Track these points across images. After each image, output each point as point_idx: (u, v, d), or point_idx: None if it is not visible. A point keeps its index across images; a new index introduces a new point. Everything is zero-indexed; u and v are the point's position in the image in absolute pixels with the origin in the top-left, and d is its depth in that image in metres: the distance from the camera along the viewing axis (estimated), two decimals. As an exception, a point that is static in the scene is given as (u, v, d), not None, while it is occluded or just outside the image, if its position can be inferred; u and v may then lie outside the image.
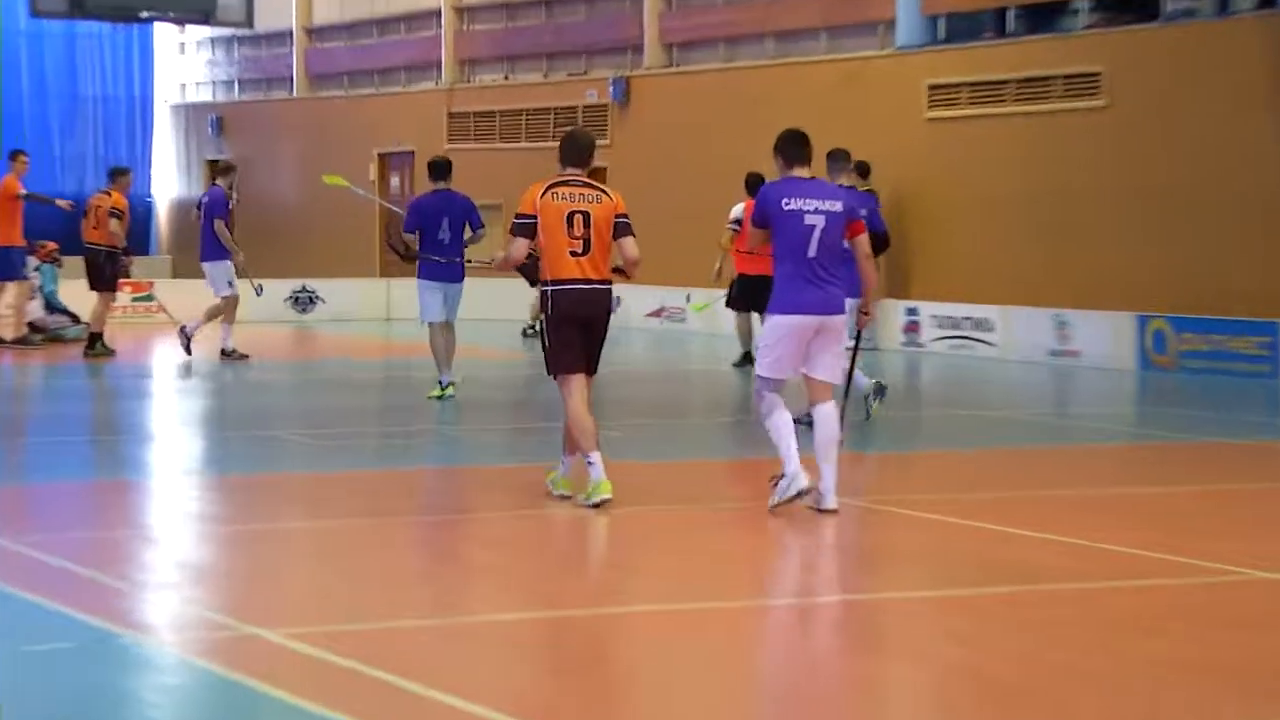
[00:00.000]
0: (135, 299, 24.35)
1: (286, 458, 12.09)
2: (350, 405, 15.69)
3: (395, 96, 30.99)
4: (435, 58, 30.23)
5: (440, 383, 15.38)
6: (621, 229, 10.10)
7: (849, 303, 10.39)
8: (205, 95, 35.18)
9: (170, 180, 35.39)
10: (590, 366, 10.10)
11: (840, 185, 13.04)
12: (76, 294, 21.51)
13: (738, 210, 18.44)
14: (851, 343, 11.48)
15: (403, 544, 9.19)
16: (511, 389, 17.41)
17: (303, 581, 8.23)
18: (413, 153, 29.89)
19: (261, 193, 31.65)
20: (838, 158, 13.95)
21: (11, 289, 20.62)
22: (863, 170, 21.70)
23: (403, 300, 24.06)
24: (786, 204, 9.86)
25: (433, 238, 15.41)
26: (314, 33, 32.95)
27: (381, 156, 30.79)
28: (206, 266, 19.16)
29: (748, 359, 18.75)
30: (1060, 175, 20.70)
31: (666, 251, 22.42)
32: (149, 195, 35.03)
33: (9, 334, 20.71)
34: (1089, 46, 20.62)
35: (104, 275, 19.66)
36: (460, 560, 8.86)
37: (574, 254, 9.95)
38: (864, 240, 10.09)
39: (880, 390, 14.08)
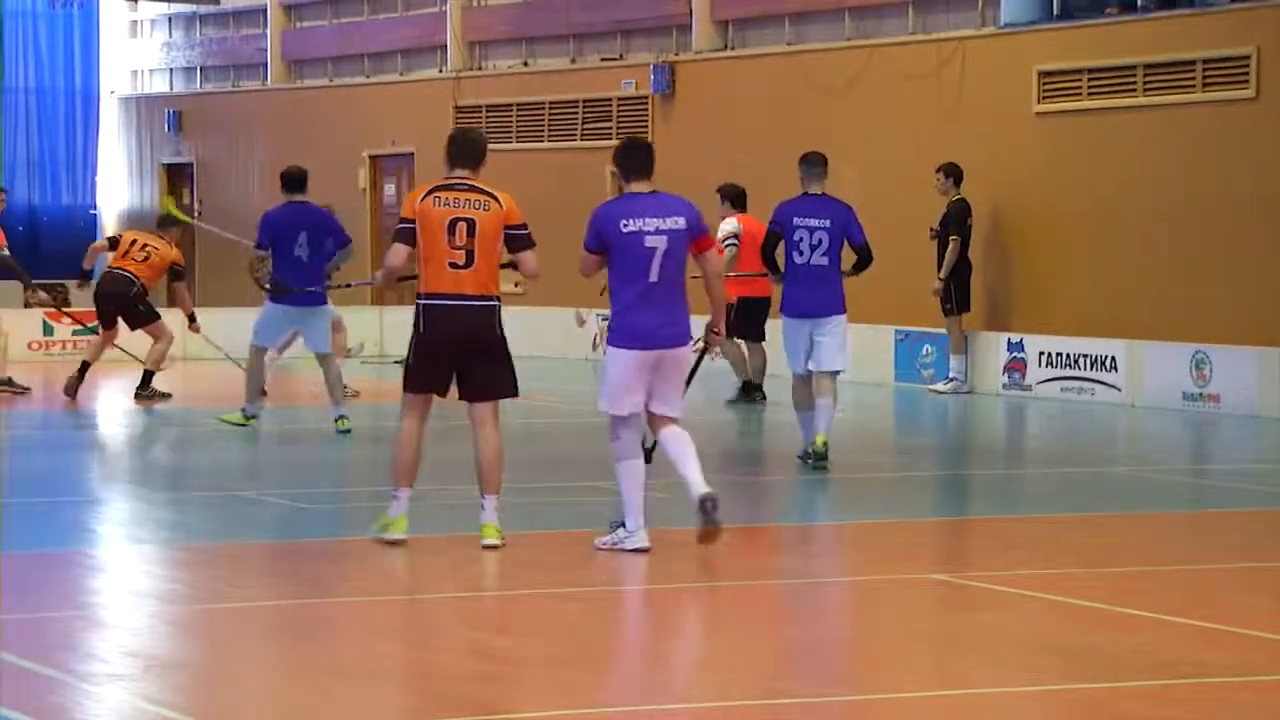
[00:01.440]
0: (76, 332, 24.50)
1: (258, 523, 12.13)
2: (336, 460, 15.75)
3: (390, 87, 31.13)
4: (439, 40, 30.39)
5: (244, 411, 16.81)
6: (517, 241, 11.02)
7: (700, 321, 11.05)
8: (160, 85, 35.38)
9: (119, 188, 35.58)
10: (483, 391, 10.92)
11: (814, 195, 14.69)
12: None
13: (730, 226, 19.29)
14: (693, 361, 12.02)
15: (397, 629, 9.24)
16: (560, 440, 17.45)
17: (273, 675, 8.27)
18: (412, 154, 30.02)
19: (228, 202, 31.84)
20: (814, 163, 14.83)
21: None
22: (955, 174, 21.72)
23: (400, 331, 24.16)
24: (625, 225, 10.78)
25: (288, 254, 16.46)
26: (292, 10, 33.16)
27: (374, 159, 30.93)
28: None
29: (749, 390, 19.75)
30: (1200, 180, 20.66)
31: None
32: (94, 206, 35.23)
33: None
34: (1236, 25, 20.61)
35: (136, 310, 20.20)
36: (474, 649, 8.91)
37: (454, 265, 10.78)
38: (712, 257, 11.15)
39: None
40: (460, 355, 10.85)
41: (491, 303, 10.89)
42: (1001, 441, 19.05)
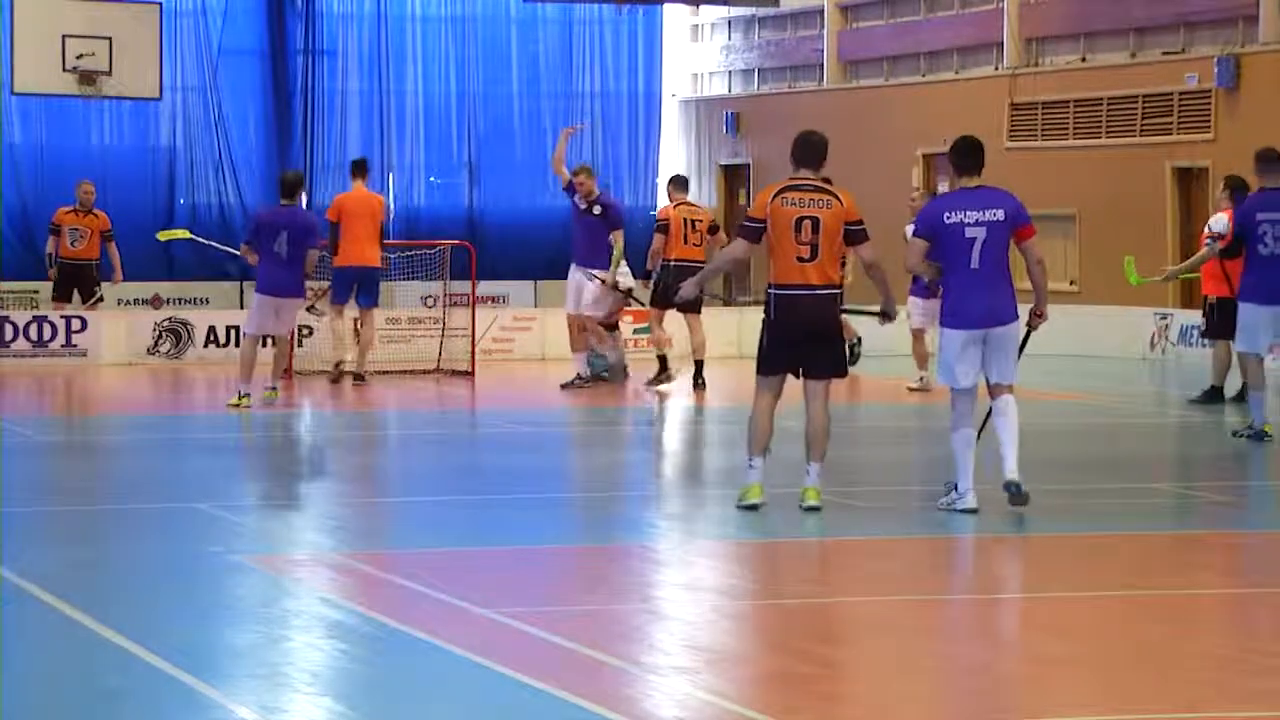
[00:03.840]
0: (637, 330, 25.12)
1: (805, 519, 12.26)
2: (895, 460, 15.81)
3: (945, 85, 31.08)
4: (995, 37, 30.20)
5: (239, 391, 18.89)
6: (854, 235, 12.03)
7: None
8: (719, 88, 36.01)
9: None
10: (820, 370, 12.03)
11: (1275, 189, 15.64)
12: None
13: (1219, 225, 18.44)
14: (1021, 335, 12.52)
15: (958, 629, 9.25)
16: (1120, 440, 17.21)
17: (834, 672, 8.36)
18: (966, 153, 29.91)
19: (784, 203, 32.13)
20: (1268, 160, 15.96)
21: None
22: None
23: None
24: (948, 217, 11.85)
25: (269, 251, 18.78)
26: (849, 10, 33.38)
27: (927, 157, 30.93)
28: None
29: (1216, 395, 18.95)
30: None
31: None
32: (653, 208, 36.02)
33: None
34: None
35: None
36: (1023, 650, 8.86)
37: (800, 260, 11.87)
38: (1032, 246, 11.97)
39: None
40: (805, 338, 11.98)
41: (833, 291, 12.01)
42: None
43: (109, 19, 28.06)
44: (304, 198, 19.67)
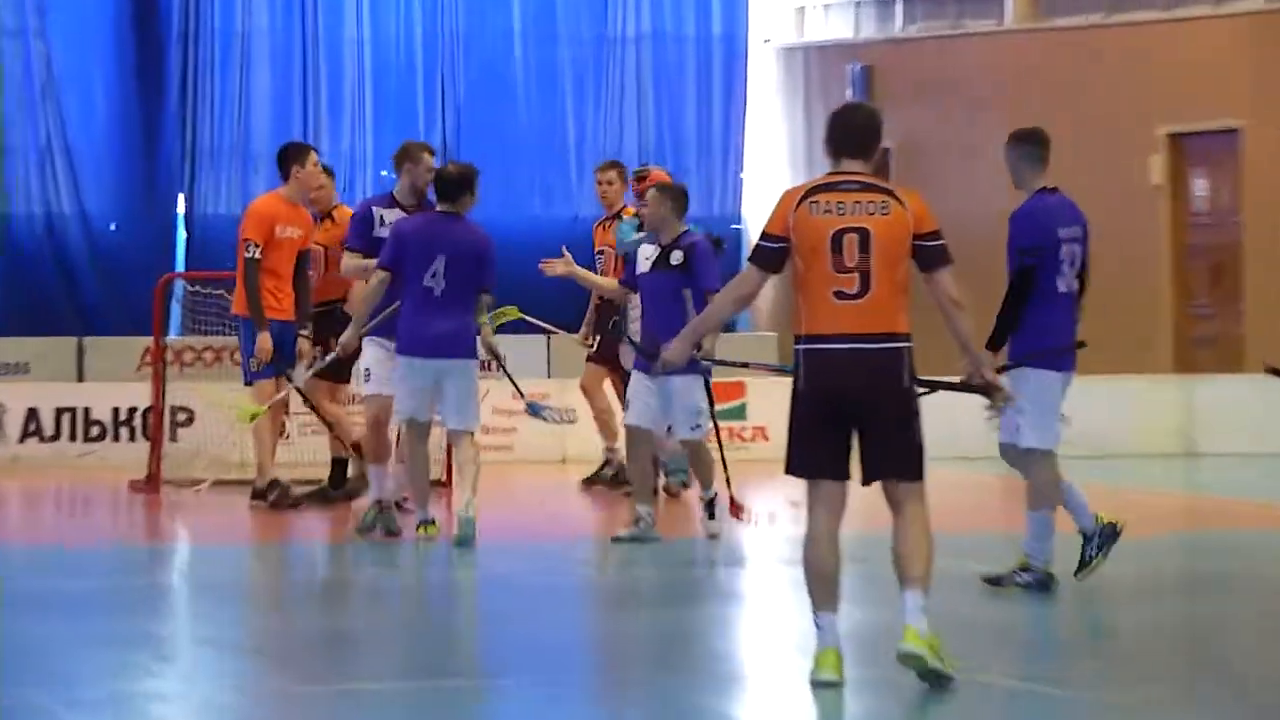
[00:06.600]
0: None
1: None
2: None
3: (1199, 24, 32.09)
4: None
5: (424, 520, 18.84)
6: (929, 255, 12.11)
7: None
8: (840, 30, 36.31)
9: (771, 169, 36.14)
10: (886, 464, 12.06)
11: None
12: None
13: None
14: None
15: None
16: None
17: None
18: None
19: (953, 209, 32.02)
20: None
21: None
22: None
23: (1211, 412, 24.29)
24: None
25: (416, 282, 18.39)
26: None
27: (1173, 138, 32.31)
28: None
29: None
30: None
31: None
32: (738, 220, 35.81)
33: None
34: None
35: None
36: None
37: (841, 296, 11.98)
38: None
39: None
40: (853, 416, 12.04)
41: (898, 344, 12.01)
42: None
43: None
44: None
